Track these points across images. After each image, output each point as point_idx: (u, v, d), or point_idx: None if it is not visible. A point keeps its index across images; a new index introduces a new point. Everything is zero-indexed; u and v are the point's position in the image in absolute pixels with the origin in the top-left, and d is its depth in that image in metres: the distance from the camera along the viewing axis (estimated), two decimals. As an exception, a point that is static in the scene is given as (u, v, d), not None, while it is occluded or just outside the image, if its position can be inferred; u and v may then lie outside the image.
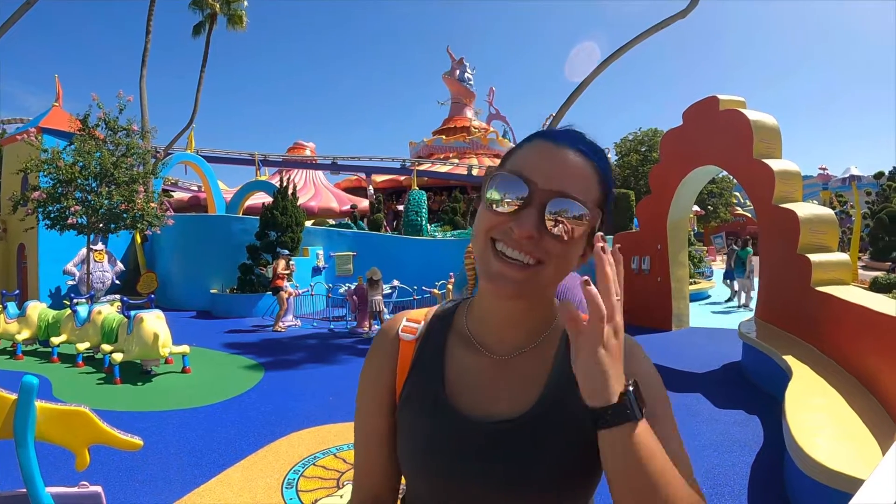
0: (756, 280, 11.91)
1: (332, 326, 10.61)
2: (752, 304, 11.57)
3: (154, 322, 6.41)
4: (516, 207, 0.70)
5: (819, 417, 3.67)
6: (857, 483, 2.66)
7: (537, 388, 0.78)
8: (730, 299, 14.05)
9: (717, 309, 12.70)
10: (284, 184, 13.53)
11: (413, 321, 0.90)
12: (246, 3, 21.31)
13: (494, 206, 0.72)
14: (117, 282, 13.13)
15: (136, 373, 6.59)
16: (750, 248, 13.32)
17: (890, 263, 20.46)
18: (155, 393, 6.01)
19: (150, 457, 4.06)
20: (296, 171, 28.68)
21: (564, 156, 0.73)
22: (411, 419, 0.82)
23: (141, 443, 2.62)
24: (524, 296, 0.74)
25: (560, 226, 0.70)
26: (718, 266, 24.48)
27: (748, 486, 3.60)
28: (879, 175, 37.64)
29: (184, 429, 4.78)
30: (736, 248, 14.03)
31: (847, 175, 47.40)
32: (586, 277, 0.63)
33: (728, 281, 14.27)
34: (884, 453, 3.01)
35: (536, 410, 0.76)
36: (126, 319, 6.69)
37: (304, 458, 4.10)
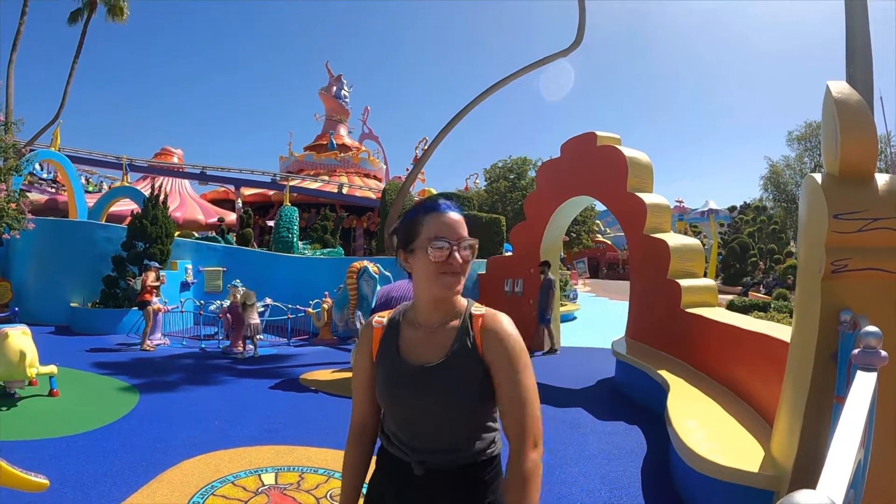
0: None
1: (203, 346, 10.02)
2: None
3: (20, 338, 5.64)
4: (447, 254, 1.32)
5: (699, 421, 4.16)
6: (738, 473, 3.10)
7: (448, 346, 1.36)
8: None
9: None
10: (156, 192, 12.62)
11: (381, 317, 1.50)
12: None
13: (435, 257, 1.32)
14: (-37, 291, 11.38)
15: (-2, 396, 5.77)
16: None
17: (741, 288, 23.22)
18: (21, 419, 5.31)
19: (27, 495, 3.59)
20: (162, 178, 26.54)
21: (453, 217, 1.36)
22: (381, 369, 1.42)
23: (47, 483, 2.35)
24: (458, 291, 1.38)
25: (468, 252, 1.35)
26: (582, 289, 26.57)
27: (641, 488, 3.99)
28: (732, 209, 42.88)
29: (61, 460, 4.25)
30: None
31: (706, 208, 51.93)
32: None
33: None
34: (762, 446, 3.54)
35: (447, 359, 1.35)
36: (-15, 335, 5.82)
37: (201, 488, 3.79)
